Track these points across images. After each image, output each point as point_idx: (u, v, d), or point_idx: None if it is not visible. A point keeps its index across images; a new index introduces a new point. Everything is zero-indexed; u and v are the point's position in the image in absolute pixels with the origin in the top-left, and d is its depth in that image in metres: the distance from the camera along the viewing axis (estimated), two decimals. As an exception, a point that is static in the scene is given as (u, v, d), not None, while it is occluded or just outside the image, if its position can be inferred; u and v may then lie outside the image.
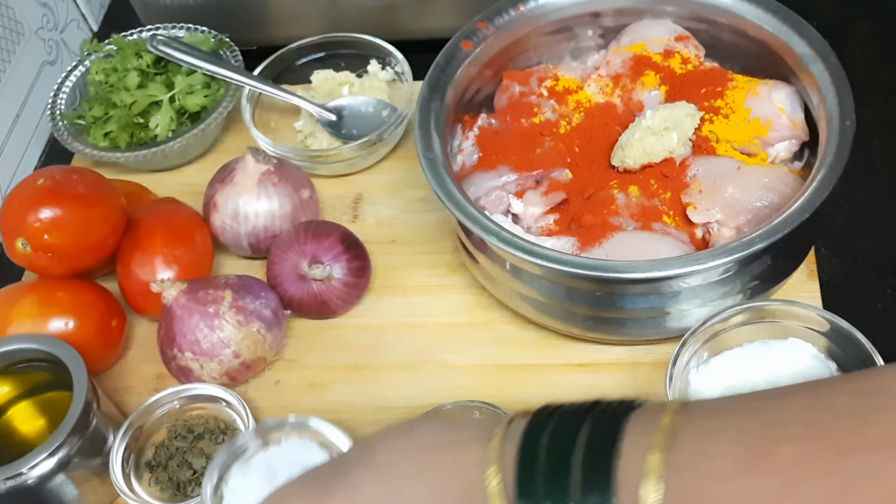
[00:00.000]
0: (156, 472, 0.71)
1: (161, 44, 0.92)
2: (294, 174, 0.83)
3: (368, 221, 0.87)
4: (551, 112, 0.81)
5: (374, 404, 0.75)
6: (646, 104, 0.80)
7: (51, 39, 1.01)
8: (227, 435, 0.72)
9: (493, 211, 0.76)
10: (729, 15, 0.79)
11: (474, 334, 0.78)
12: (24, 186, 0.76)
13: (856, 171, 0.70)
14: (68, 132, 0.91)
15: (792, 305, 0.68)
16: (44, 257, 0.74)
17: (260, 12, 0.98)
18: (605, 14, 0.84)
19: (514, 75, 0.83)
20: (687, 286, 0.69)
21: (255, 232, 0.81)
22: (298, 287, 0.78)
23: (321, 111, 0.91)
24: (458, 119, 0.81)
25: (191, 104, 0.91)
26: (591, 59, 0.86)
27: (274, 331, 0.76)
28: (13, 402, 0.73)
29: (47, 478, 0.66)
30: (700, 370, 0.69)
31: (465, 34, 0.80)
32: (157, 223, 0.80)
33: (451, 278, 0.82)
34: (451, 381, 0.76)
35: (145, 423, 0.72)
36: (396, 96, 0.93)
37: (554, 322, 0.75)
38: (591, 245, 0.72)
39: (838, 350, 0.67)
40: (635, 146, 0.75)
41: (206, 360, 0.73)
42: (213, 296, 0.74)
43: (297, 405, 0.76)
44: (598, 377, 0.74)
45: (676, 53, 0.81)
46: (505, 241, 0.68)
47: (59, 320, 0.74)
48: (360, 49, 0.94)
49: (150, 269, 0.77)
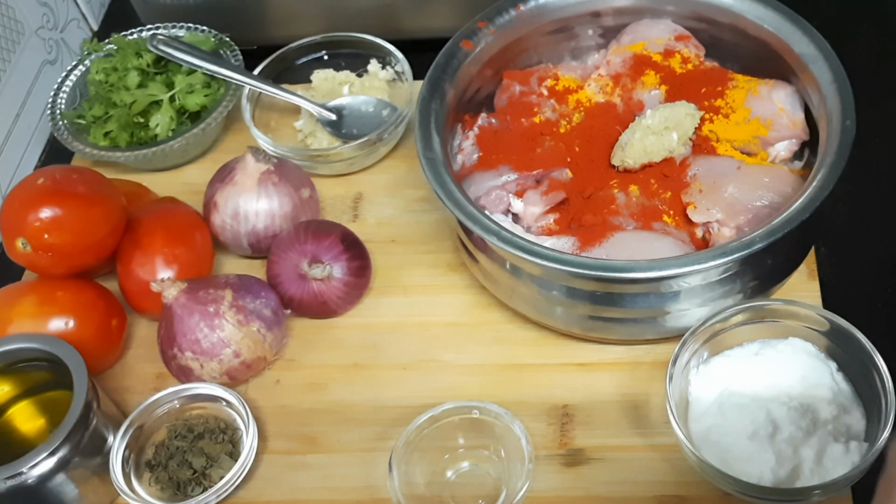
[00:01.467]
0: (156, 472, 0.72)
1: (161, 43, 0.92)
2: (294, 174, 0.83)
3: (368, 221, 0.87)
4: (551, 112, 0.81)
5: (374, 404, 0.75)
6: (646, 104, 0.80)
7: (51, 39, 1.01)
8: (226, 434, 0.73)
9: (493, 210, 0.76)
10: (729, 14, 0.79)
11: (474, 334, 0.78)
12: (24, 186, 0.76)
13: (856, 171, 0.70)
14: (68, 132, 0.91)
15: (792, 305, 0.68)
16: (44, 257, 0.74)
17: (260, 12, 0.98)
18: (605, 14, 0.84)
19: (515, 75, 0.83)
20: (687, 286, 0.69)
21: (255, 231, 0.81)
22: (298, 286, 0.78)
23: (321, 111, 0.91)
24: (459, 119, 0.81)
25: (191, 104, 0.91)
26: (591, 59, 0.86)
27: (274, 330, 0.76)
28: (13, 401, 0.73)
29: (47, 477, 0.66)
30: (700, 370, 0.69)
31: (466, 34, 0.80)
32: (158, 223, 0.80)
33: (451, 278, 0.82)
34: (450, 380, 0.76)
35: (145, 423, 0.73)
36: (396, 96, 0.93)
37: (554, 322, 0.75)
38: (591, 245, 0.72)
39: (838, 350, 0.68)
40: (635, 146, 0.75)
41: (206, 359, 0.73)
42: (214, 295, 0.74)
43: (298, 404, 0.76)
44: (598, 377, 0.74)
45: (677, 53, 0.81)
46: (505, 240, 0.68)
47: (60, 320, 0.74)
48: (361, 48, 0.94)
49: (150, 268, 0.77)
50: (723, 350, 0.70)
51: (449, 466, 0.70)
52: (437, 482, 0.69)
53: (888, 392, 0.63)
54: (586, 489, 0.69)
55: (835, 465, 0.63)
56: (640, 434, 0.71)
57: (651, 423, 0.71)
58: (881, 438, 0.61)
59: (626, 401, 0.73)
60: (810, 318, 0.68)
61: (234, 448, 0.72)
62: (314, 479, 0.72)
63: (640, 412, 0.72)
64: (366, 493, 0.71)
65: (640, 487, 0.69)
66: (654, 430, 0.71)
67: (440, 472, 0.70)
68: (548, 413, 0.73)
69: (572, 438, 0.72)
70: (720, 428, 0.66)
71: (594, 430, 0.72)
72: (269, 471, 0.73)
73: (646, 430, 0.71)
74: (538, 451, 0.70)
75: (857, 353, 0.66)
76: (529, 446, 0.67)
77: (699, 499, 0.68)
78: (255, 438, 0.71)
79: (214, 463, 0.71)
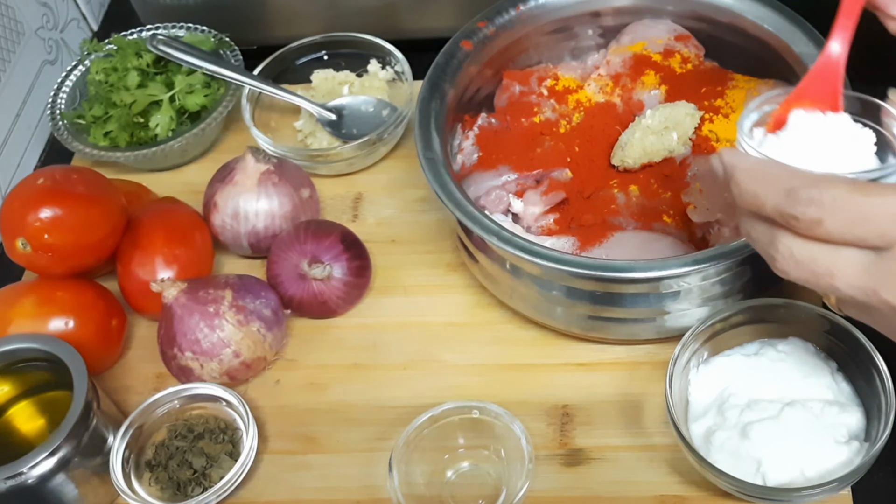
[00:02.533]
0: (156, 472, 0.72)
1: (161, 43, 0.92)
2: (294, 174, 0.83)
3: (368, 221, 0.87)
4: (551, 111, 0.81)
5: (374, 403, 0.75)
6: (646, 103, 0.80)
7: (51, 39, 1.01)
8: (226, 434, 0.73)
9: (493, 210, 0.76)
10: (729, 14, 0.79)
11: (474, 334, 0.78)
12: (24, 186, 0.76)
13: (856, 170, 0.70)
14: (68, 132, 0.91)
15: (792, 305, 0.68)
16: (44, 257, 0.74)
17: (260, 12, 0.98)
18: (605, 13, 0.84)
19: (514, 75, 0.83)
20: (687, 286, 0.69)
21: (255, 231, 0.81)
22: (298, 286, 0.78)
23: (321, 111, 0.91)
24: (458, 118, 0.81)
25: (191, 104, 0.91)
26: (591, 59, 0.86)
27: (274, 330, 0.76)
28: (13, 401, 0.73)
29: (47, 477, 0.66)
30: (700, 370, 0.69)
31: (465, 34, 0.80)
32: (158, 223, 0.80)
33: (450, 278, 0.82)
34: (450, 380, 0.76)
35: (145, 423, 0.73)
36: (396, 96, 0.93)
37: (554, 322, 0.75)
38: (591, 244, 0.72)
39: (838, 349, 0.68)
40: (635, 146, 0.75)
41: (206, 359, 0.73)
42: (214, 295, 0.74)
43: (298, 404, 0.76)
44: (598, 377, 0.74)
45: (676, 53, 0.81)
46: (505, 240, 0.68)
47: (59, 320, 0.74)
48: (360, 48, 0.94)
49: (150, 268, 0.77)
50: (723, 350, 0.70)
51: (449, 466, 0.70)
52: (437, 482, 0.69)
53: (888, 392, 0.63)
54: (586, 489, 0.69)
55: (835, 465, 0.63)
56: (640, 434, 0.71)
57: (651, 423, 0.71)
58: (881, 438, 0.62)
59: (625, 401, 0.73)
60: (810, 318, 0.68)
61: (234, 448, 0.72)
62: (314, 479, 0.72)
63: (640, 412, 0.72)
64: (366, 493, 0.71)
65: (640, 487, 0.69)
66: (654, 430, 0.71)
67: (440, 471, 0.70)
68: (548, 413, 0.73)
69: (572, 438, 0.72)
70: (720, 428, 0.66)
71: (594, 429, 0.72)
72: (269, 471, 0.73)
73: (646, 429, 0.71)
74: (538, 451, 0.70)
75: (857, 353, 0.66)
76: (529, 446, 0.67)
77: (699, 499, 0.68)
78: (255, 438, 0.71)
79: (214, 463, 0.71)
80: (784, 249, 0.50)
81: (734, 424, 0.65)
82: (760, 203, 0.50)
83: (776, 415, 0.65)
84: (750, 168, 0.51)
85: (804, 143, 0.54)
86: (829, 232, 0.48)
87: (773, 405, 0.66)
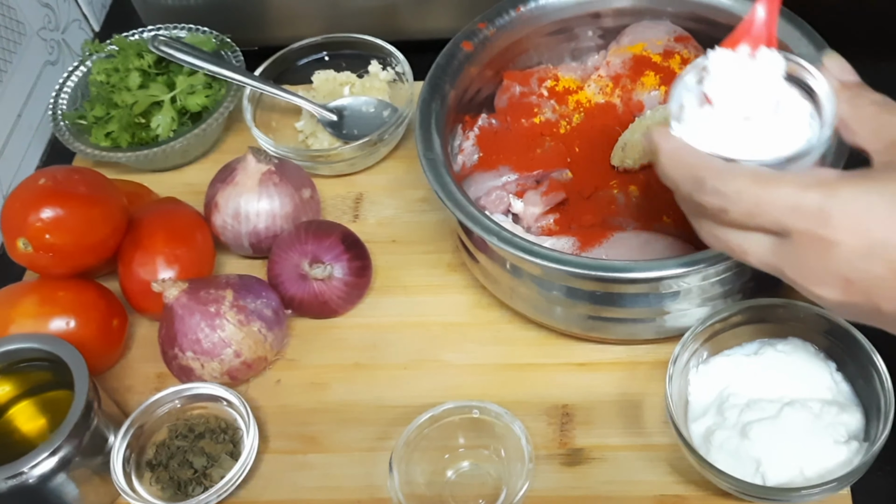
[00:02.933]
0: (157, 472, 0.72)
1: (162, 44, 0.92)
2: (295, 174, 0.83)
3: (369, 221, 0.87)
4: (551, 112, 0.81)
5: (375, 403, 0.75)
6: (646, 104, 0.80)
7: (52, 40, 1.01)
8: (227, 434, 0.73)
9: (493, 211, 0.76)
10: (729, 15, 0.79)
11: (474, 334, 0.79)
12: (25, 186, 0.76)
13: (855, 170, 0.70)
14: (70, 132, 0.91)
15: (792, 305, 0.68)
16: (45, 257, 0.74)
17: (261, 13, 0.98)
18: (604, 15, 0.84)
19: (515, 76, 0.83)
20: (687, 286, 0.69)
21: (256, 231, 0.81)
22: (299, 286, 0.78)
23: (322, 111, 0.91)
24: (459, 119, 0.81)
25: (192, 104, 0.91)
26: (591, 60, 0.86)
27: (275, 330, 0.76)
28: (14, 401, 0.73)
29: (48, 477, 0.66)
30: (700, 370, 0.69)
31: (466, 34, 0.80)
32: (159, 223, 0.80)
33: (451, 278, 0.82)
34: (451, 380, 0.76)
35: (146, 423, 0.73)
36: (397, 96, 0.93)
37: (554, 322, 0.75)
38: (591, 245, 0.72)
39: (838, 350, 0.68)
40: (635, 146, 0.75)
41: (207, 359, 0.73)
42: (215, 295, 0.74)
43: (298, 404, 0.76)
44: (598, 377, 0.75)
45: (676, 54, 0.82)
46: (505, 240, 0.68)
47: (61, 320, 0.74)
48: (361, 49, 0.94)
49: (151, 268, 0.77)
50: (723, 350, 0.70)
51: (449, 466, 0.70)
52: (437, 482, 0.69)
53: (887, 392, 0.63)
54: (586, 489, 0.69)
55: (834, 465, 0.63)
56: (639, 433, 0.71)
57: (651, 423, 0.71)
58: (880, 438, 0.62)
59: (625, 400, 0.73)
60: (810, 318, 0.68)
61: (234, 448, 0.72)
62: (315, 479, 0.72)
63: (640, 412, 0.72)
64: (366, 492, 0.71)
65: (640, 487, 0.69)
66: (654, 430, 0.71)
67: (440, 471, 0.70)
68: (548, 413, 0.73)
69: (572, 438, 0.72)
70: (720, 428, 0.66)
71: (594, 429, 0.72)
72: (269, 470, 0.73)
73: (645, 429, 0.71)
74: (538, 451, 0.70)
75: (857, 353, 0.66)
76: (529, 446, 0.67)
77: (699, 498, 0.68)
78: (256, 438, 0.71)
79: (215, 463, 0.71)
80: (705, 226, 0.54)
81: (734, 424, 0.66)
82: (676, 188, 0.54)
83: (776, 415, 0.65)
84: (669, 152, 0.54)
85: (732, 117, 0.54)
86: (733, 220, 0.52)
87: (773, 405, 0.66)
